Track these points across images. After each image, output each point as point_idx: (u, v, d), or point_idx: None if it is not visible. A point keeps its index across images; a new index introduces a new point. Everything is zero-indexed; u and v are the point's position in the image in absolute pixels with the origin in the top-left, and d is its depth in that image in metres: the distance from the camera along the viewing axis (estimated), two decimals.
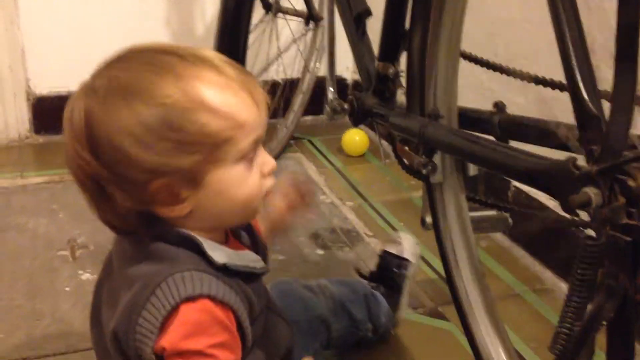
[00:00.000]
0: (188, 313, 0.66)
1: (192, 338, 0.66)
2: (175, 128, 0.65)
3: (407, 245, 1.16)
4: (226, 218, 0.73)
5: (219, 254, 0.70)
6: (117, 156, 0.65)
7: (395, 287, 1.13)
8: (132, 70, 0.67)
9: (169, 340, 0.66)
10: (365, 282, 1.14)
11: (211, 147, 0.67)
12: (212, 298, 0.67)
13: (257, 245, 0.81)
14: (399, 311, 1.14)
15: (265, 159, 0.73)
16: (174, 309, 0.66)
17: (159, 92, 0.65)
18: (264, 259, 0.80)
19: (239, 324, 0.70)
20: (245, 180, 0.71)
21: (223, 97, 0.67)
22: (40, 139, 1.98)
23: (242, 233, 0.81)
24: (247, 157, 0.70)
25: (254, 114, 0.69)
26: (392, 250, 1.16)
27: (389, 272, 1.14)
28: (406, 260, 1.14)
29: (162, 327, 0.66)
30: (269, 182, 0.74)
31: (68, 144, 0.69)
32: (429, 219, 1.00)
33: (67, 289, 1.28)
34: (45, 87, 1.95)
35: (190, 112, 0.65)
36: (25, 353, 1.12)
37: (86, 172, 0.67)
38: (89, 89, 0.68)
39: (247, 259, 0.75)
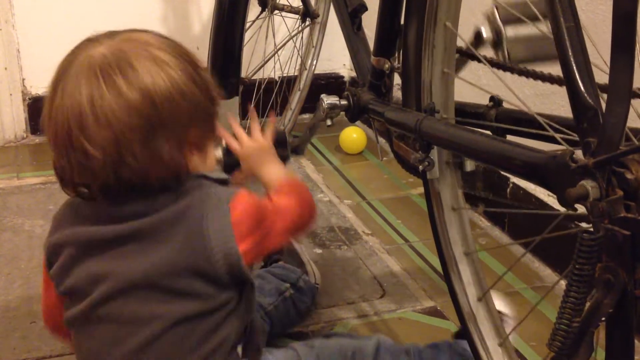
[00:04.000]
0: (240, 200, 0.80)
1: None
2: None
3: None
4: None
5: (216, 174, 0.84)
6: (173, 107, 0.76)
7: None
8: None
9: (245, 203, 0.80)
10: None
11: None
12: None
13: None
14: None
15: None
16: (231, 207, 0.78)
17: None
18: None
19: None
20: None
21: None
22: (37, 139, 1.97)
23: None
24: None
25: None
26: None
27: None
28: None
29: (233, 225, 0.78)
30: None
31: (117, 110, 0.74)
32: None
33: None
34: (42, 86, 1.94)
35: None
36: (22, 355, 1.11)
37: (141, 128, 0.74)
38: (115, 66, 0.75)
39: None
